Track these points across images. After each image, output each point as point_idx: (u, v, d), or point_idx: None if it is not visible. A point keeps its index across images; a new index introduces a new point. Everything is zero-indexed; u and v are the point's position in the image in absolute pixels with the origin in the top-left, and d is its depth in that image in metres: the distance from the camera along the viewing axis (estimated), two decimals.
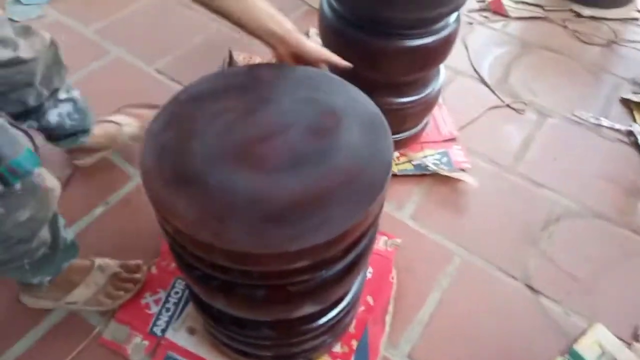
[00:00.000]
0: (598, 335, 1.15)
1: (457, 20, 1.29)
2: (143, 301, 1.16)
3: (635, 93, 1.80)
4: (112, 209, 1.35)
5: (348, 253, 0.76)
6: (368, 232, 0.79)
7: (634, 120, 1.69)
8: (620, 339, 1.16)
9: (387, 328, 1.15)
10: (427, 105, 1.44)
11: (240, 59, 1.79)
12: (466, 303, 1.21)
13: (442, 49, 1.28)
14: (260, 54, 1.82)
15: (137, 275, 1.16)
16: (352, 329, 1.14)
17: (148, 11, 2.04)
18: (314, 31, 1.97)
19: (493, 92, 1.76)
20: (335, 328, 1.03)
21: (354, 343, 1.11)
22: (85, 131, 1.27)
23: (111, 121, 1.39)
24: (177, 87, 1.70)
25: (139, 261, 1.19)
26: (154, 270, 1.23)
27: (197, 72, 1.71)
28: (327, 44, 1.39)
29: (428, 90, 1.41)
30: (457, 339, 1.15)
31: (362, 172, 0.72)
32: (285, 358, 1.06)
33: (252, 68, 0.89)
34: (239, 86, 0.84)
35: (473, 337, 1.15)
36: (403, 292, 1.21)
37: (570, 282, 1.26)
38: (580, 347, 1.13)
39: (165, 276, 1.21)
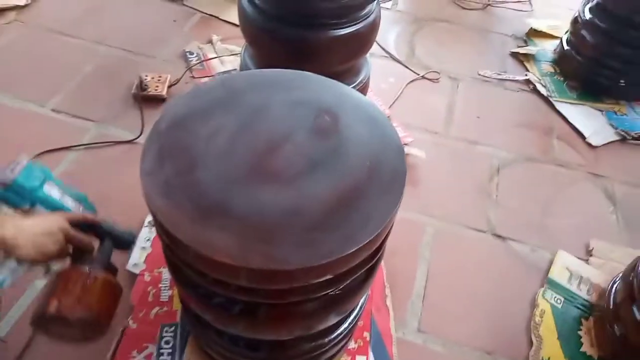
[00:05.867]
0: (563, 261, 1.29)
1: (378, 3, 1.34)
2: None
3: (519, 46, 2.02)
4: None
5: (382, 246, 0.75)
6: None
7: (527, 70, 1.91)
8: (579, 258, 1.31)
9: (391, 311, 1.16)
10: (362, 91, 1.47)
11: (150, 79, 1.66)
12: (450, 265, 1.28)
13: (371, 34, 1.32)
14: (168, 71, 1.71)
15: None
16: (360, 321, 1.14)
17: (17, 46, 1.79)
18: (216, 38, 1.89)
19: (407, 67, 1.86)
20: (353, 330, 1.02)
21: (367, 335, 1.11)
22: None
23: None
24: (83, 124, 1.53)
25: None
26: (132, 325, 1.10)
27: (99, 103, 1.58)
28: (255, 44, 1.35)
29: (361, 77, 1.44)
30: (454, 299, 1.21)
31: (380, 162, 0.72)
32: None
33: (223, 80, 0.83)
34: (219, 102, 0.78)
35: (466, 293, 1.22)
36: (393, 273, 1.24)
37: (522, 220, 1.40)
38: (554, 275, 1.26)
39: (148, 328, 1.09)
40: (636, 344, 1.04)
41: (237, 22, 2.01)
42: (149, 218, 1.26)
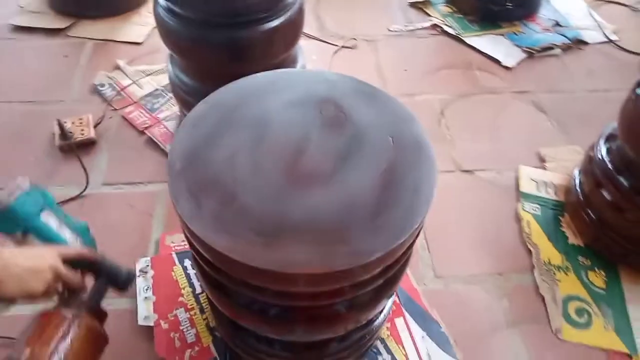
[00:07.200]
0: (526, 174, 1.44)
1: None
2: None
3: None
4: None
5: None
6: None
7: (429, 15, 2.03)
8: (537, 167, 1.47)
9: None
10: None
11: (70, 125, 1.51)
12: (437, 211, 1.34)
13: (302, 19, 1.32)
14: (86, 111, 1.57)
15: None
16: None
17: None
18: (123, 62, 1.76)
19: (323, 41, 1.89)
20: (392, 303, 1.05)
21: (395, 298, 1.16)
22: None
23: None
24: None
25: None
26: None
27: (23, 167, 1.45)
28: (184, 55, 1.29)
29: (300, 64, 1.44)
30: (453, 239, 1.30)
31: (400, 133, 0.75)
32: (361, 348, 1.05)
33: (209, 102, 0.79)
34: (220, 124, 0.74)
35: (460, 229, 1.32)
36: None
37: (479, 150, 1.52)
38: (524, 188, 1.40)
39: None
40: (611, 220, 1.20)
41: (137, 40, 1.90)
42: (140, 265, 1.18)
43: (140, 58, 1.80)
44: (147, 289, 1.15)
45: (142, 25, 1.95)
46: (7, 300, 0.66)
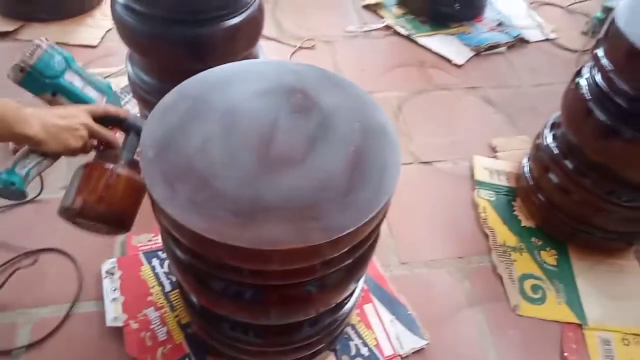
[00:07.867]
0: (480, 163, 1.52)
1: None
2: None
3: None
4: None
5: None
6: None
7: (382, 17, 2.10)
8: (490, 157, 1.55)
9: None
10: None
11: None
12: (399, 200, 1.40)
13: (262, 17, 1.34)
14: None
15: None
16: None
17: None
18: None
19: (281, 42, 1.92)
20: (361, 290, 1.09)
21: (363, 285, 1.20)
22: None
23: None
24: None
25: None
26: None
27: None
28: (146, 53, 1.28)
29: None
30: (415, 227, 1.36)
31: (366, 119, 0.79)
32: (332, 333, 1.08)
33: (178, 93, 0.80)
34: (189, 114, 0.76)
35: (422, 217, 1.38)
36: None
37: (436, 143, 1.59)
38: (478, 177, 1.48)
39: None
40: (559, 202, 1.29)
41: (91, 43, 1.86)
42: (107, 267, 1.16)
43: (96, 61, 1.77)
44: (114, 290, 1.13)
45: (95, 28, 1.91)
46: (52, 156, 0.75)
